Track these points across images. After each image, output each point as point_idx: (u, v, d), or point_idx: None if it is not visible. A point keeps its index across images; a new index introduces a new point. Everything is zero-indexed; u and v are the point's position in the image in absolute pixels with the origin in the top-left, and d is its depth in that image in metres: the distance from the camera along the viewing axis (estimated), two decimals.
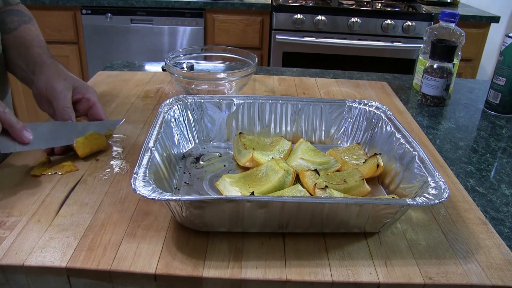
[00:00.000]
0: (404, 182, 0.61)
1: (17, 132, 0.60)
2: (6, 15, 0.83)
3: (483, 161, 0.78)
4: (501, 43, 1.70)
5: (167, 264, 0.49)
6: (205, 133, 0.75)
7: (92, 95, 0.74)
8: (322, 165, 0.67)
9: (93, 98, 0.74)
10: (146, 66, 1.18)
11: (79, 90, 0.73)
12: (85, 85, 0.75)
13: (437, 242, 0.54)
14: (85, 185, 0.62)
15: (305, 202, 0.50)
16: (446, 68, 0.97)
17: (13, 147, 0.61)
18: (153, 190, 0.49)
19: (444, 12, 1.05)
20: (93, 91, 0.76)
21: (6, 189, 0.61)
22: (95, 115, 0.74)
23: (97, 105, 0.74)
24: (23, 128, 0.61)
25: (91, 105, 0.74)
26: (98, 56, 2.27)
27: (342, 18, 2.18)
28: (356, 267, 0.50)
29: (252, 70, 0.90)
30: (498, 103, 0.97)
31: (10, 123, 0.59)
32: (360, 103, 0.77)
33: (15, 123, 0.60)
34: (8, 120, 0.59)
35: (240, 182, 0.62)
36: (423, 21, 2.17)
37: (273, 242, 0.53)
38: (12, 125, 0.60)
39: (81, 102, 0.74)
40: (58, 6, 2.16)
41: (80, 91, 0.73)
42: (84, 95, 0.74)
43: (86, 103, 0.74)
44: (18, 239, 0.51)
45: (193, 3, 2.17)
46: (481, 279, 0.49)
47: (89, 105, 0.74)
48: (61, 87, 0.71)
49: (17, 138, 0.61)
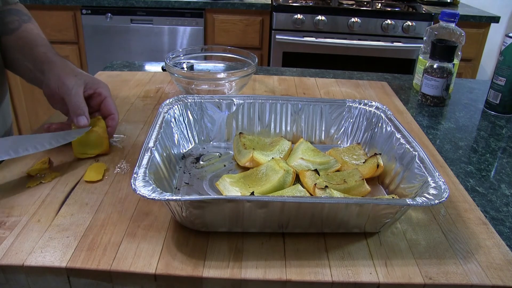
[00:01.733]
0: (404, 182, 0.61)
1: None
2: (5, 15, 0.82)
3: (483, 161, 0.78)
4: (501, 43, 1.70)
5: (167, 264, 0.49)
6: (205, 133, 0.75)
7: (104, 89, 0.74)
8: (322, 165, 0.67)
9: (105, 93, 0.74)
10: (146, 66, 1.18)
11: (90, 85, 0.73)
12: (96, 80, 0.75)
13: (437, 242, 0.54)
14: (85, 185, 0.62)
15: (305, 202, 0.50)
16: (446, 68, 0.97)
17: None
18: (153, 190, 0.49)
19: (444, 12, 1.05)
20: (105, 85, 0.75)
21: (6, 189, 0.61)
22: (106, 109, 0.74)
23: (108, 100, 0.74)
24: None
25: (102, 99, 0.74)
26: (98, 56, 2.27)
27: (342, 18, 2.18)
28: (356, 267, 0.50)
29: (252, 70, 0.90)
30: (498, 103, 0.97)
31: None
32: (360, 103, 0.77)
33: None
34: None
35: (240, 182, 0.62)
36: (423, 21, 2.17)
37: (273, 242, 0.53)
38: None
39: (93, 97, 0.74)
40: (58, 6, 2.16)
41: (91, 87, 0.73)
42: (96, 90, 0.73)
43: (98, 98, 0.74)
44: (18, 239, 0.51)
45: (193, 3, 2.17)
46: (481, 279, 0.49)
47: (100, 99, 0.74)
48: (72, 83, 0.70)
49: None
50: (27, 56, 0.77)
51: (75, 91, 0.70)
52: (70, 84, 0.70)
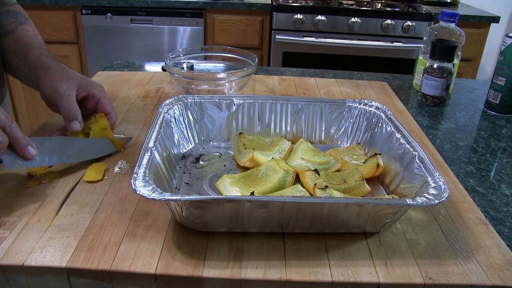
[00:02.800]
0: (404, 182, 0.61)
1: (21, 147, 0.59)
2: (3, 16, 0.82)
3: (483, 161, 0.78)
4: (501, 43, 1.70)
5: (167, 264, 0.49)
6: (205, 133, 0.75)
7: (98, 90, 0.74)
8: (322, 165, 0.67)
9: (98, 94, 0.73)
10: (146, 66, 1.18)
11: (83, 87, 0.73)
12: (89, 82, 0.74)
13: (437, 242, 0.54)
14: (85, 185, 0.62)
15: (305, 202, 0.50)
16: (446, 68, 0.97)
17: (18, 163, 0.59)
18: (153, 190, 0.49)
19: (444, 12, 1.05)
20: (98, 86, 0.75)
21: (6, 189, 0.61)
22: (102, 109, 0.73)
23: (103, 100, 0.74)
24: (28, 144, 0.60)
25: (97, 100, 0.73)
26: (98, 56, 2.27)
27: (342, 18, 2.18)
28: (356, 267, 0.50)
29: (252, 70, 0.90)
30: (498, 103, 0.97)
31: (15, 137, 0.58)
32: (360, 103, 0.77)
33: (21, 138, 0.59)
34: (14, 134, 0.58)
35: (240, 182, 0.62)
36: (423, 21, 2.17)
37: (273, 242, 0.53)
38: (17, 140, 0.59)
39: (87, 99, 0.74)
40: (58, 6, 2.15)
41: (84, 89, 0.73)
42: (89, 92, 0.73)
43: (92, 100, 0.73)
44: (18, 239, 0.51)
45: (193, 3, 2.17)
46: (481, 279, 0.49)
47: (95, 100, 0.73)
48: (63, 88, 0.70)
49: (21, 154, 0.60)
50: (22, 60, 0.77)
51: (67, 95, 0.69)
52: (61, 89, 0.70)
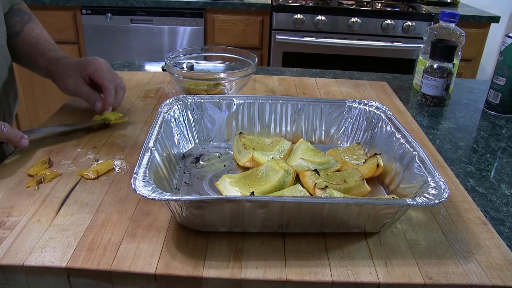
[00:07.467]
0: (404, 182, 0.61)
1: (16, 144, 0.67)
2: (9, 16, 0.83)
3: (483, 161, 0.78)
4: (501, 43, 1.70)
5: (167, 264, 0.49)
6: (205, 133, 0.75)
7: (92, 67, 0.77)
8: (322, 165, 0.67)
9: (91, 69, 0.77)
10: (146, 66, 1.18)
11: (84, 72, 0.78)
12: (84, 63, 0.78)
13: (437, 242, 0.54)
14: (85, 185, 0.62)
15: (305, 202, 0.50)
16: (446, 68, 0.97)
17: None
18: (153, 190, 0.49)
19: (444, 12, 1.05)
20: (92, 61, 0.78)
21: (6, 189, 0.61)
22: (97, 82, 0.78)
23: (98, 73, 0.77)
24: (21, 138, 0.67)
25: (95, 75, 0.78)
26: (98, 56, 2.25)
27: (342, 18, 2.18)
28: (356, 267, 0.50)
29: (252, 70, 0.90)
30: (498, 103, 0.97)
31: (10, 139, 0.66)
32: (360, 103, 0.77)
33: (14, 137, 0.66)
34: (7, 136, 0.65)
35: (240, 182, 0.62)
36: (423, 21, 2.17)
37: (273, 242, 0.53)
38: (11, 140, 0.66)
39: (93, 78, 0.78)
40: (58, 6, 2.16)
41: (85, 73, 0.78)
42: (89, 72, 0.78)
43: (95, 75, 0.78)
44: (18, 239, 0.51)
45: (193, 3, 2.17)
46: (481, 279, 0.49)
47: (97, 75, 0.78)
48: (71, 85, 0.78)
49: (17, 146, 0.68)
50: (33, 63, 0.84)
51: (79, 90, 0.78)
52: (71, 87, 0.79)
